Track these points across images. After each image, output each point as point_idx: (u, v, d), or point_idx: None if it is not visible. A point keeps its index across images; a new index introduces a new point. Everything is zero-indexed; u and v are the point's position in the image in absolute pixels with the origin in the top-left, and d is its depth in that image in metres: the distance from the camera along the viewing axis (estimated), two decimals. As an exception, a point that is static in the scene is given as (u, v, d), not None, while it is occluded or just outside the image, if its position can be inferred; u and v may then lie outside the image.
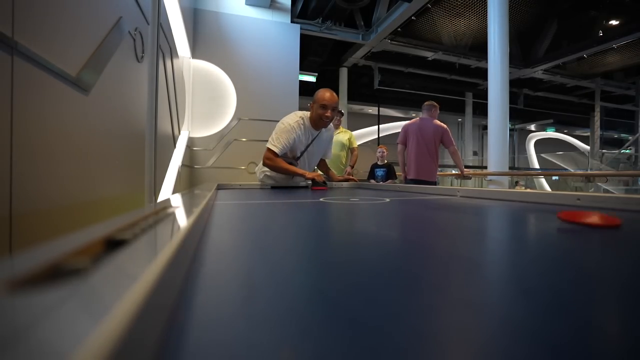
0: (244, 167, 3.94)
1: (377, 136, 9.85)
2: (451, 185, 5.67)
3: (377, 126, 9.76)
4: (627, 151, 9.26)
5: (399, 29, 6.31)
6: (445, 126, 3.21)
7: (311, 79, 7.39)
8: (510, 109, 4.13)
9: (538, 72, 8.27)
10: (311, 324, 0.18)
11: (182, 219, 0.40)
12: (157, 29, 2.06)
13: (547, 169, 11.76)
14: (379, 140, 9.43)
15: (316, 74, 7.51)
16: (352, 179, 2.38)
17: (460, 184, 7.31)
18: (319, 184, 1.80)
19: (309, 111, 2.01)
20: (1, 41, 0.72)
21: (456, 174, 5.78)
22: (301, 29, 4.76)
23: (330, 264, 0.33)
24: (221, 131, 3.99)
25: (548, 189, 9.53)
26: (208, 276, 0.27)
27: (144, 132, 1.89)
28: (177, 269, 0.23)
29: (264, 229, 0.57)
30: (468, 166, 9.72)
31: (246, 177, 3.87)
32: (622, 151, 9.12)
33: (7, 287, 0.14)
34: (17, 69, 0.77)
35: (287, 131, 1.90)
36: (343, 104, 8.04)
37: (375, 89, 8.65)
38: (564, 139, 13.90)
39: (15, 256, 0.18)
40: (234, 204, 0.96)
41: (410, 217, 0.76)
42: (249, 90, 4.11)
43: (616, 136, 12.23)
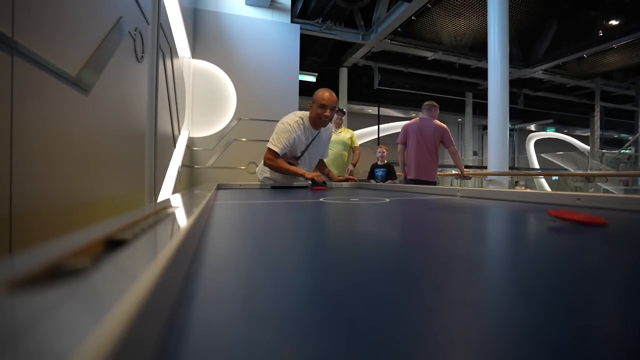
0: (244, 167, 3.95)
1: (377, 136, 9.86)
2: (451, 185, 5.68)
3: (377, 126, 9.77)
4: (627, 151, 9.26)
5: (399, 29, 6.31)
6: (445, 126, 3.21)
7: (311, 79, 7.39)
8: (510, 109, 4.13)
9: (538, 72, 8.27)
10: (311, 324, 0.18)
11: (182, 219, 0.40)
12: (157, 29, 2.07)
13: (547, 169, 11.77)
14: (379, 140, 9.44)
15: (316, 74, 7.51)
16: (352, 179, 2.38)
17: (460, 184, 7.31)
18: (319, 184, 1.80)
19: (308, 111, 2.01)
20: (1, 41, 0.72)
21: (456, 174, 5.78)
22: (301, 29, 4.76)
23: (330, 264, 0.33)
24: (221, 131, 3.99)
25: (548, 189, 9.54)
26: (208, 276, 0.27)
27: (144, 132, 1.89)
28: (177, 269, 0.23)
29: (264, 229, 0.57)
30: (468, 166, 9.74)
31: (246, 177, 3.88)
32: (622, 151, 9.12)
33: (7, 287, 0.14)
34: (17, 69, 0.77)
35: (287, 131, 1.91)
36: (343, 104, 8.03)
37: (375, 89, 8.65)
38: (564, 139, 13.90)
39: (15, 256, 0.18)
40: (234, 204, 0.96)
41: (410, 218, 0.76)
42: (249, 90, 4.11)
43: (616, 136, 12.23)
